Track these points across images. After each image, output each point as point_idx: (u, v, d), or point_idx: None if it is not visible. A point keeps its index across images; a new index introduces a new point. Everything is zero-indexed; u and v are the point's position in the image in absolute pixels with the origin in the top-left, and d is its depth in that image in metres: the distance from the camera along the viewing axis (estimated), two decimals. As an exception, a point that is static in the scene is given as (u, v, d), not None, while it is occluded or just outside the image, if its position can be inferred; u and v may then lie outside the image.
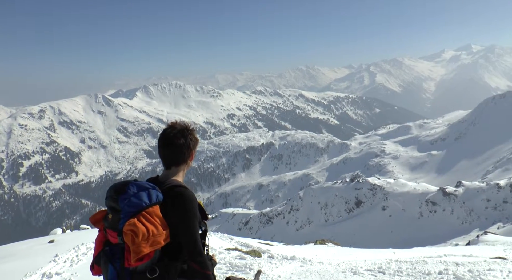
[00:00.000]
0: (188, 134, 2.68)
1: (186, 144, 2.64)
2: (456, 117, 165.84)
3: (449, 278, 8.63)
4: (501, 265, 10.97)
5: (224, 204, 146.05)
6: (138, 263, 2.27)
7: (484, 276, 8.76)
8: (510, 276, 8.78)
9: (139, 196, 2.34)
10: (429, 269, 9.97)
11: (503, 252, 15.85)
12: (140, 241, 2.22)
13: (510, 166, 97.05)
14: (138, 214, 2.29)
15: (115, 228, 2.33)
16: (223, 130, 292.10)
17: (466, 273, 9.20)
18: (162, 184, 2.54)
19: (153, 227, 2.29)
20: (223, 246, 12.76)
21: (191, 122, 2.95)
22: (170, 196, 2.46)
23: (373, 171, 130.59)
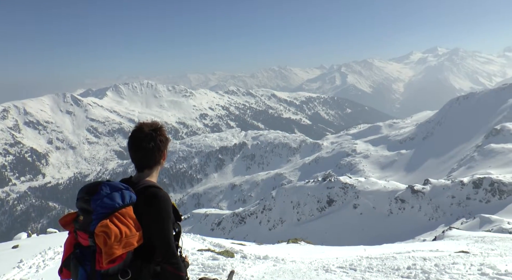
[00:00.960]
0: (157, 136, 2.60)
1: (156, 147, 2.58)
2: (424, 117, 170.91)
3: (417, 273, 8.87)
4: (464, 258, 11.39)
5: (197, 204, 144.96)
6: (110, 266, 2.21)
7: (449, 270, 9.06)
8: (472, 269, 9.12)
9: (112, 196, 2.29)
10: (398, 264, 10.23)
11: (466, 246, 16.44)
12: (112, 243, 2.16)
13: (473, 164, 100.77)
14: (111, 215, 2.23)
15: (87, 230, 2.26)
16: (196, 130, 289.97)
17: (433, 267, 9.50)
18: (135, 184, 2.50)
19: (126, 228, 2.24)
20: (196, 247, 12.66)
21: (163, 122, 2.91)
22: (144, 196, 2.41)
23: (345, 170, 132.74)
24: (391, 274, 9.00)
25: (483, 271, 8.70)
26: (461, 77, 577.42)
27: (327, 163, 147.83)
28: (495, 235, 24.01)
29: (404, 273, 8.98)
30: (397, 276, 8.78)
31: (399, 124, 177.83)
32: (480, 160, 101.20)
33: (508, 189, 56.32)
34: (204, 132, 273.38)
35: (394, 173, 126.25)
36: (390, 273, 9.16)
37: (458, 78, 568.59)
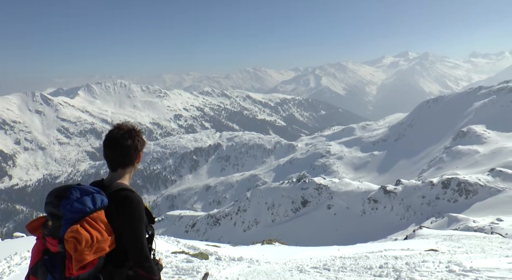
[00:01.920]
0: (135, 136, 2.59)
1: (133, 146, 2.56)
2: (396, 119, 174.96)
3: (388, 271, 9.05)
4: (433, 256, 11.73)
5: (171, 206, 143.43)
6: (80, 272, 2.14)
7: (419, 268, 9.31)
8: (441, 266, 9.41)
9: (83, 201, 2.21)
10: (371, 263, 10.42)
11: (435, 244, 16.92)
12: (83, 249, 2.10)
13: (441, 165, 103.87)
14: (81, 220, 2.17)
15: (56, 236, 2.17)
16: (170, 131, 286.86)
17: (404, 265, 9.72)
18: (107, 187, 2.44)
19: (98, 233, 2.17)
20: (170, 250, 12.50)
21: (136, 123, 2.83)
22: (115, 200, 2.35)
23: (319, 171, 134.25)
24: (364, 273, 9.15)
25: (450, 268, 8.99)
26: (430, 80, 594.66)
27: (302, 164, 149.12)
28: (462, 233, 24.83)
29: (377, 272, 9.15)
30: (370, 275, 8.93)
31: (372, 126, 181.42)
32: (448, 161, 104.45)
33: (473, 189, 58.29)
34: (179, 133, 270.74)
35: (367, 174, 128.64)
36: (363, 272, 9.31)
37: (428, 82, 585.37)
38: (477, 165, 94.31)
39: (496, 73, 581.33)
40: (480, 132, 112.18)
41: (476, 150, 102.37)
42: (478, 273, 8.49)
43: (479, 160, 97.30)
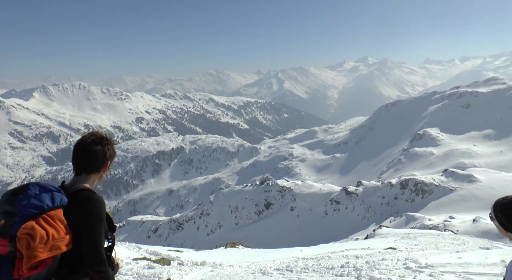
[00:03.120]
0: (106, 143, 2.55)
1: (101, 152, 2.51)
2: (356, 122, 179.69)
3: (349, 271, 9.26)
4: (392, 254, 12.13)
5: (133, 211, 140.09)
6: (31, 272, 2.02)
7: (378, 266, 9.59)
8: (398, 264, 9.76)
9: (41, 197, 2.14)
10: (333, 263, 10.61)
11: (393, 242, 17.48)
12: (36, 245, 1.99)
13: (400, 166, 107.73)
14: (38, 216, 2.07)
15: (7, 234, 2.05)
16: (132, 135, 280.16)
17: (364, 264, 9.98)
18: (68, 188, 2.37)
19: (54, 230, 2.09)
20: (131, 256, 12.17)
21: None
22: (76, 199, 2.28)
23: (282, 173, 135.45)
24: (325, 273, 9.30)
25: (407, 265, 9.35)
26: (389, 85, 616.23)
27: (265, 167, 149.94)
28: (418, 231, 25.79)
29: (338, 272, 9.33)
30: (332, 275, 9.09)
31: (334, 129, 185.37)
32: (406, 163, 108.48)
33: (429, 189, 60.76)
34: (141, 136, 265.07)
35: (330, 176, 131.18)
36: (324, 272, 9.46)
37: (387, 87, 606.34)
38: (432, 166, 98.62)
39: (448, 79, 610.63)
40: (434, 134, 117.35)
41: (431, 152, 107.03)
42: (432, 269, 8.89)
43: (434, 162, 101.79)
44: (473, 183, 56.72)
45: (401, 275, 8.45)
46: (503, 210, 2.54)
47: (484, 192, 53.34)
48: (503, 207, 2.54)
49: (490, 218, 2.65)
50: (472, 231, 35.28)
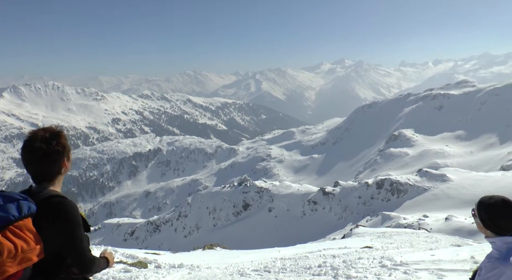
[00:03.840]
0: (53, 144, 2.29)
1: (52, 158, 2.29)
2: (334, 123, 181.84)
3: (327, 270, 9.35)
4: (368, 253, 12.33)
5: (109, 214, 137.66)
6: None
7: (355, 265, 9.73)
8: (374, 262, 9.94)
9: (6, 208, 2.02)
10: (310, 263, 10.70)
11: (369, 241, 17.78)
12: (4, 260, 1.90)
13: (376, 167, 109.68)
14: (4, 229, 1.97)
15: None
16: (108, 136, 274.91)
17: (341, 263, 10.10)
18: (36, 195, 2.22)
19: (23, 242, 1.98)
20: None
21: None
22: (46, 207, 2.15)
23: (260, 174, 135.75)
24: (303, 273, 9.37)
25: (383, 263, 9.53)
26: (365, 87, 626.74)
27: (243, 168, 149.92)
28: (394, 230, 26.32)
29: (315, 271, 9.41)
30: (309, 274, 9.16)
31: (311, 130, 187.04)
32: (382, 163, 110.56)
33: (404, 189, 62.07)
34: (117, 137, 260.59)
35: (307, 177, 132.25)
36: (302, 272, 9.53)
37: (363, 88, 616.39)
38: (407, 166, 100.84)
39: (422, 81, 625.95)
40: (409, 135, 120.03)
41: (406, 152, 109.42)
42: (407, 266, 9.10)
43: (409, 162, 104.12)
44: (445, 183, 58.26)
45: (377, 273, 8.60)
46: (488, 210, 2.64)
47: (456, 191, 54.88)
48: (489, 206, 2.65)
49: (472, 214, 2.79)
50: (445, 229, 36.26)
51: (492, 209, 2.63)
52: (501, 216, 2.61)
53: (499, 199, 2.67)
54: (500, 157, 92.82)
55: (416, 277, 8.23)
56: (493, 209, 2.63)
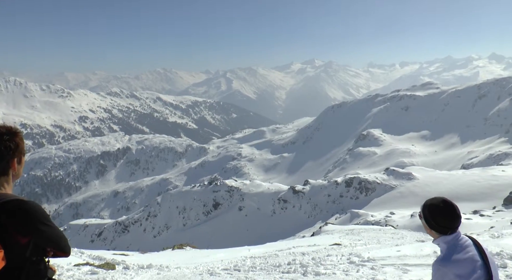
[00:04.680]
0: (4, 139, 2.16)
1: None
2: (304, 123, 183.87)
3: (296, 267, 9.45)
4: (337, 250, 12.56)
5: (75, 215, 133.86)
6: None
7: (323, 262, 9.88)
8: (343, 259, 10.13)
9: None
10: (280, 261, 10.78)
11: (338, 239, 18.10)
12: None
13: (345, 166, 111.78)
14: None
15: None
16: (74, 134, 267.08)
17: (310, 260, 10.23)
18: None
19: None
20: (72, 262, 11.59)
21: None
22: (6, 212, 2.00)
23: (231, 173, 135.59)
24: (273, 271, 9.43)
25: (351, 260, 9.72)
26: (335, 87, 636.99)
27: (213, 167, 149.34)
28: (362, 227, 26.91)
29: (285, 269, 9.50)
30: (279, 272, 9.23)
31: (282, 129, 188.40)
32: (351, 162, 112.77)
33: (372, 187, 63.53)
34: (84, 136, 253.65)
35: (277, 175, 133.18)
36: (272, 270, 9.59)
37: (333, 89, 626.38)
38: (375, 165, 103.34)
39: (389, 83, 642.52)
40: (377, 135, 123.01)
41: (374, 151, 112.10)
42: (374, 262, 9.32)
43: (377, 161, 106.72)
44: (411, 181, 60.06)
45: (345, 270, 8.77)
46: (430, 209, 2.79)
47: (421, 189, 56.71)
48: (431, 206, 2.80)
49: (418, 216, 2.94)
50: (410, 225, 37.39)
51: (434, 209, 2.77)
52: (441, 214, 2.74)
53: (440, 200, 2.82)
54: (461, 156, 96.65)
55: (383, 272, 8.44)
56: (434, 209, 2.77)
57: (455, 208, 2.76)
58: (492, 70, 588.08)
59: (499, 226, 29.46)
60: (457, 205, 2.83)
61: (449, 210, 2.75)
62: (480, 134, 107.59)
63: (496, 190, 49.15)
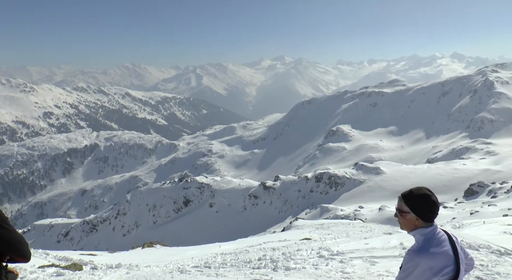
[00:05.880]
0: None
1: None
2: (274, 119, 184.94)
3: (266, 263, 9.50)
4: (307, 244, 12.72)
5: (40, 215, 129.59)
6: None
7: (294, 256, 9.99)
8: (312, 253, 10.27)
9: None
10: (250, 257, 10.81)
11: (308, 233, 18.32)
12: None
13: (315, 161, 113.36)
14: None
15: None
16: (39, 131, 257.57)
17: (280, 255, 10.32)
18: None
19: None
20: (36, 264, 11.18)
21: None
22: None
23: (201, 170, 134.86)
24: (243, 267, 9.44)
25: (320, 254, 9.88)
26: (305, 84, 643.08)
27: (184, 163, 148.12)
28: (331, 222, 27.34)
29: (255, 264, 9.53)
30: (249, 268, 9.26)
31: (252, 125, 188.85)
32: (321, 157, 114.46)
33: (341, 182, 64.79)
34: (49, 132, 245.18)
35: (248, 171, 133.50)
36: (242, 266, 9.60)
37: (303, 85, 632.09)
38: (345, 160, 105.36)
39: (358, 80, 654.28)
40: (346, 131, 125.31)
41: (344, 147, 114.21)
42: (343, 256, 9.51)
43: (346, 156, 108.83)
44: (379, 175, 61.64)
45: (314, 264, 8.90)
46: (421, 197, 2.83)
47: (389, 183, 58.33)
48: (420, 195, 2.84)
49: (399, 214, 2.94)
50: (378, 218, 38.42)
51: (423, 196, 2.83)
52: (430, 200, 2.82)
53: (424, 188, 2.89)
54: (426, 151, 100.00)
55: (351, 265, 8.62)
56: (423, 196, 2.83)
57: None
58: (454, 68, 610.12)
59: (460, 217, 30.75)
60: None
61: (435, 196, 2.86)
62: (443, 130, 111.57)
63: (457, 183, 51.23)
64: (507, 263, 8.05)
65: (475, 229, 12.88)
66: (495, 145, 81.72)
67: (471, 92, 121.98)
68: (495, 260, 8.21)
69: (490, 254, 8.69)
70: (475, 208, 34.81)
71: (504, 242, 9.80)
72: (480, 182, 46.69)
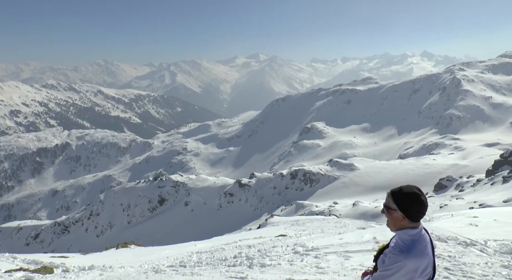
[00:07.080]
0: None
1: None
2: (249, 116, 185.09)
3: (242, 260, 9.53)
4: (282, 241, 12.84)
5: (7, 217, 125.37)
6: None
7: (269, 253, 10.06)
8: (288, 249, 10.38)
9: None
10: (226, 255, 10.82)
11: (284, 230, 18.48)
12: None
13: (290, 158, 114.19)
14: None
15: None
16: (5, 130, 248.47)
17: (256, 252, 10.37)
18: None
19: None
20: (2, 268, 10.82)
21: None
22: None
23: (176, 168, 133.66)
24: (219, 265, 9.44)
25: (296, 250, 9.99)
26: (279, 81, 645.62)
27: (159, 162, 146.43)
28: (307, 218, 27.66)
29: (231, 262, 9.54)
30: (225, 266, 9.26)
31: (227, 123, 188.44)
32: (296, 154, 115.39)
33: (316, 178, 65.55)
34: (17, 131, 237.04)
35: (224, 169, 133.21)
36: (218, 264, 9.60)
37: (277, 83, 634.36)
38: (319, 157, 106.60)
39: (332, 77, 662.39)
40: (321, 128, 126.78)
41: (318, 144, 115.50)
42: (317, 251, 9.65)
43: (321, 153, 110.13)
44: (353, 171, 62.70)
45: (290, 260, 8.99)
46: (412, 198, 2.74)
47: (362, 179, 59.41)
48: (412, 195, 2.75)
49: (386, 211, 2.87)
50: (352, 214, 39.11)
51: (414, 196, 2.75)
52: (420, 200, 2.74)
53: (414, 187, 2.82)
54: (398, 147, 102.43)
55: (326, 260, 8.75)
56: (414, 196, 2.75)
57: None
58: (424, 67, 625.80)
59: (430, 210, 31.67)
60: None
61: (424, 197, 2.79)
62: (414, 126, 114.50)
63: (428, 178, 52.71)
64: (472, 253, 8.39)
65: (443, 221, 13.30)
66: (463, 141, 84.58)
67: (440, 89, 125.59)
68: (461, 251, 8.53)
69: (457, 246, 9.02)
70: (444, 202, 35.94)
71: (469, 233, 10.19)
72: (448, 176, 48.24)
